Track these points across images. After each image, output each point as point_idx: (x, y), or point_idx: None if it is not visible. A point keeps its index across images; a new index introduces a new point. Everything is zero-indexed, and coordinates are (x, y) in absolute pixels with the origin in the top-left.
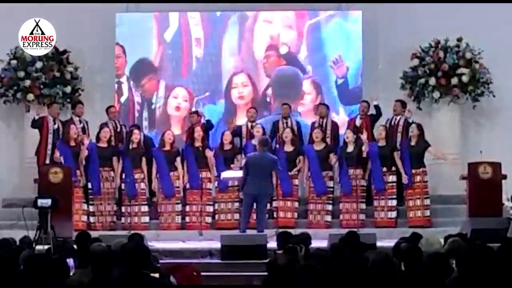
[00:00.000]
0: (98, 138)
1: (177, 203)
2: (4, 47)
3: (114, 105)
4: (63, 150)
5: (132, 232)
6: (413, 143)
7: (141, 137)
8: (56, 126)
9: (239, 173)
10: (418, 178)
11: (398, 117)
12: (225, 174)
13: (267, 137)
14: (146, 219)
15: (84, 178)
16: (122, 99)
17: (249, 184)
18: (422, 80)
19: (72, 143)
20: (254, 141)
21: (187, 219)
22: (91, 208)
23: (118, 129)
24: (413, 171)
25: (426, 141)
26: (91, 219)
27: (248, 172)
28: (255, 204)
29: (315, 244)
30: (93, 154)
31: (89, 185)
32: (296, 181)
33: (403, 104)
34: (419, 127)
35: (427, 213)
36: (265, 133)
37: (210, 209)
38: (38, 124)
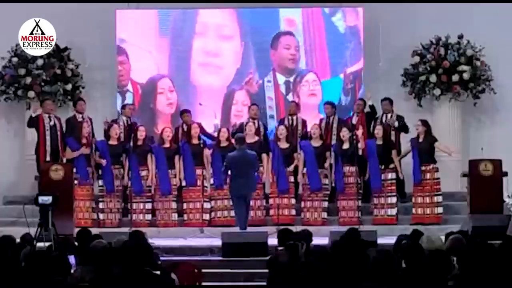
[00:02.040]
0: (108, 136)
1: (174, 201)
2: (5, 45)
3: (133, 103)
4: (75, 147)
5: (133, 229)
6: (420, 139)
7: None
8: (52, 123)
9: None
10: (428, 175)
11: (388, 115)
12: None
13: (242, 134)
14: (149, 216)
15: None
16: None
17: (235, 184)
18: (423, 77)
19: (84, 141)
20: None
21: (185, 216)
22: (101, 205)
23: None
24: (423, 167)
25: (433, 136)
26: (101, 216)
27: (231, 171)
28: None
29: (315, 241)
30: (105, 152)
31: (100, 183)
32: (292, 178)
33: (391, 102)
34: (425, 123)
35: (439, 210)
36: (265, 130)
37: (207, 206)
38: (34, 122)
